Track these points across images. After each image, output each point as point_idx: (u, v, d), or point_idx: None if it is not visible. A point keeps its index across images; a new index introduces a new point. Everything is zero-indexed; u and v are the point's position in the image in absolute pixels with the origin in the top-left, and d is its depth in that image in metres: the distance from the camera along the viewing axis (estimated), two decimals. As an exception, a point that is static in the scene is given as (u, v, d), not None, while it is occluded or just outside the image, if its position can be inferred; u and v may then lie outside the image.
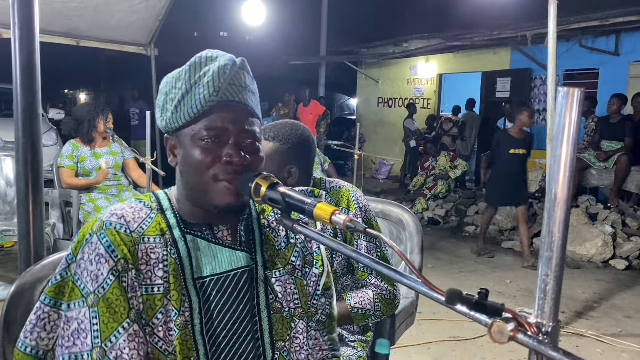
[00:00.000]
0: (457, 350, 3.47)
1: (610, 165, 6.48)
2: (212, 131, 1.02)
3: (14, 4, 1.89)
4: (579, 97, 0.66)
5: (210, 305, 1.06)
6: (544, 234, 0.69)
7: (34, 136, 1.93)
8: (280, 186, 1.00)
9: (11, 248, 4.89)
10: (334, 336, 1.23)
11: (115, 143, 4.28)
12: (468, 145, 10.08)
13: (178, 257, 1.04)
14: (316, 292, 1.17)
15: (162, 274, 1.02)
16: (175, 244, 1.04)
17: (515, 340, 0.67)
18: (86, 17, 5.40)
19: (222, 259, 1.08)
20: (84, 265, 0.98)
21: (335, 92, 19.16)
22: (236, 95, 1.04)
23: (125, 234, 1.01)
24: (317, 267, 1.18)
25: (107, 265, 0.97)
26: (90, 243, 0.99)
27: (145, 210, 1.06)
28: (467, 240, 6.69)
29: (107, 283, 0.97)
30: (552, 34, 3.47)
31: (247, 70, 1.08)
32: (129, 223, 1.02)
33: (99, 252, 0.98)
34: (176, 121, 1.04)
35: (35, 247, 1.91)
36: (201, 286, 1.05)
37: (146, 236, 1.03)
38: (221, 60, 1.04)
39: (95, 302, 0.96)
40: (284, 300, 1.11)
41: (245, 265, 1.10)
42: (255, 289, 1.10)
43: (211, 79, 1.01)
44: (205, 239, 1.08)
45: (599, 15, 7.50)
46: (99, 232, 1.00)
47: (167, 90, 1.07)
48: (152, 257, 1.02)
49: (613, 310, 4.30)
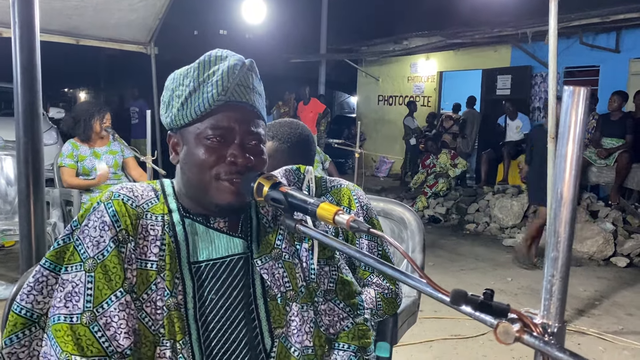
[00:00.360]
0: (458, 348, 3.47)
1: (611, 163, 6.47)
2: (218, 130, 1.02)
3: (14, 4, 1.89)
4: (585, 96, 0.66)
5: (204, 291, 1.06)
6: (550, 234, 0.69)
7: (35, 136, 1.93)
8: (283, 186, 1.00)
9: (12, 247, 4.89)
10: (354, 301, 1.20)
11: (115, 142, 4.28)
12: (469, 143, 10.08)
13: (175, 240, 1.05)
14: (311, 266, 1.15)
15: (157, 252, 1.03)
16: (173, 227, 1.06)
17: (521, 341, 0.67)
18: (86, 16, 5.40)
19: (219, 245, 1.08)
20: (88, 232, 1.00)
21: (336, 90, 19.15)
22: (244, 96, 1.04)
23: (131, 207, 1.03)
24: (306, 241, 1.16)
25: (109, 233, 1.00)
26: (97, 211, 1.02)
27: (152, 192, 1.09)
28: (468, 239, 6.68)
29: (107, 250, 0.99)
30: (553, 31, 3.46)
31: (255, 71, 1.08)
32: (137, 198, 1.05)
33: (104, 220, 1.00)
34: (182, 119, 1.05)
35: (36, 247, 1.91)
36: (197, 271, 1.06)
37: (149, 213, 1.05)
38: (231, 60, 1.04)
39: (92, 268, 0.98)
40: (274, 286, 1.10)
41: (242, 252, 1.10)
42: (252, 277, 1.10)
43: (220, 78, 1.02)
44: (203, 224, 1.09)
45: (600, 13, 7.48)
46: (107, 201, 1.02)
47: (174, 87, 1.07)
48: (150, 233, 1.04)
49: (614, 308, 4.30)
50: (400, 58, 12.02)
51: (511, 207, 6.83)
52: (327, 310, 1.16)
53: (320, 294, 1.15)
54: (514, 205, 6.82)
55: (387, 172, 12.02)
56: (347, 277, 1.21)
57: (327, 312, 1.16)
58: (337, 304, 1.17)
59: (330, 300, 1.17)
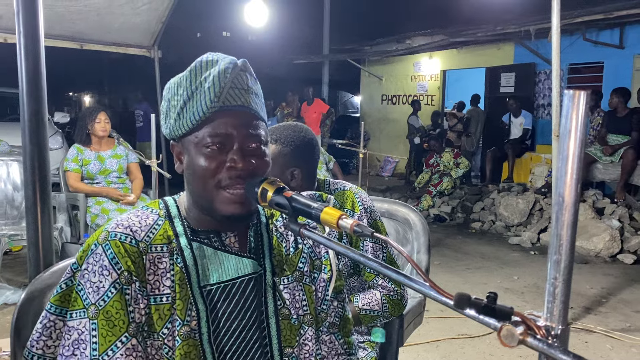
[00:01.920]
0: (465, 348, 3.47)
1: (617, 160, 6.45)
2: (216, 138, 1.01)
3: (19, 13, 1.90)
4: (585, 99, 0.66)
5: (217, 313, 1.05)
6: (552, 237, 0.69)
7: (41, 143, 1.95)
8: (287, 191, 0.99)
9: (20, 252, 4.92)
10: (351, 339, 1.21)
11: (120, 146, 4.30)
12: (473, 141, 10.06)
13: (184, 266, 1.03)
14: (325, 297, 1.16)
15: (169, 284, 1.02)
16: (181, 252, 1.04)
17: (524, 343, 0.67)
18: (90, 20, 5.43)
19: (228, 267, 1.07)
20: (88, 276, 0.98)
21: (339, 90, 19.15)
22: (239, 99, 1.02)
23: (131, 244, 1.00)
24: (325, 272, 1.16)
25: (110, 278, 0.97)
26: (95, 254, 0.99)
27: (153, 217, 1.05)
28: (473, 237, 6.68)
29: (107, 296, 0.96)
30: (556, 28, 3.45)
31: (249, 71, 1.05)
32: (135, 233, 1.01)
33: (103, 264, 0.98)
34: (180, 128, 1.04)
35: (44, 254, 1.92)
36: (208, 294, 1.05)
37: (153, 245, 1.02)
38: (222, 64, 1.02)
39: (95, 315, 0.96)
40: (292, 307, 1.10)
41: (252, 272, 1.09)
42: (264, 296, 1.09)
43: (212, 84, 1.00)
44: (211, 246, 1.07)
45: (603, 9, 7.45)
46: (104, 243, 0.99)
47: (170, 97, 1.06)
48: (159, 267, 1.02)
49: (622, 305, 4.28)
50: (403, 57, 12.01)
51: (517, 205, 6.82)
52: (328, 342, 1.17)
53: (325, 325, 1.16)
54: (519, 203, 6.81)
55: (391, 172, 12.01)
56: (349, 315, 1.22)
57: (327, 344, 1.17)
58: (338, 339, 1.19)
59: (333, 334, 1.18)
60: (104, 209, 4.08)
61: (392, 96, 12.74)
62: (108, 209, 4.07)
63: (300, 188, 1.71)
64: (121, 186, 4.27)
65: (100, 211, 4.08)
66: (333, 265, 1.18)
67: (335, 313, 1.18)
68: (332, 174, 5.30)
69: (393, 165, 12.07)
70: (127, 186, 4.31)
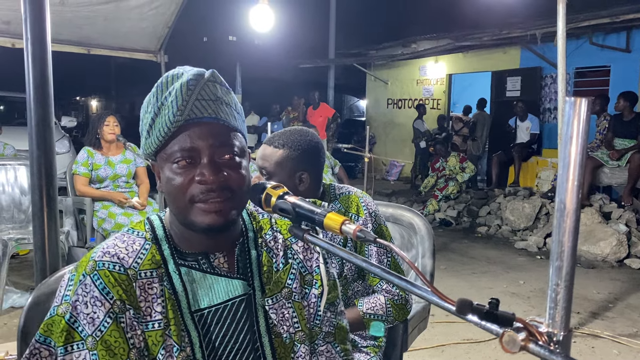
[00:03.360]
0: (471, 352, 3.46)
1: (624, 164, 6.42)
2: (185, 152, 0.97)
3: (26, 18, 1.92)
4: (586, 106, 0.66)
5: (211, 338, 1.04)
6: (554, 243, 0.69)
7: (47, 148, 1.97)
8: (290, 196, 0.99)
9: (27, 256, 4.95)
10: (347, 347, 1.21)
11: (128, 151, 4.33)
12: (479, 145, 10.05)
13: (173, 292, 1.01)
14: (317, 313, 1.14)
15: (160, 309, 1.00)
16: (169, 278, 1.02)
17: (526, 349, 0.67)
18: (97, 25, 5.46)
19: (218, 290, 1.05)
20: (80, 308, 0.96)
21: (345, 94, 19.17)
22: (205, 110, 0.97)
23: (120, 272, 0.98)
24: (316, 287, 1.14)
25: (103, 308, 0.95)
26: (84, 285, 0.96)
27: (139, 242, 1.03)
28: (479, 241, 6.66)
29: (104, 326, 0.95)
30: (562, 32, 3.45)
31: (219, 82, 1.01)
32: (123, 260, 0.99)
33: (94, 295, 0.96)
34: (150, 146, 1.01)
35: (50, 258, 1.94)
36: (200, 319, 1.03)
37: (142, 271, 1.00)
38: (185, 76, 0.98)
39: (93, 346, 0.94)
40: (281, 327, 1.09)
41: (243, 293, 1.07)
42: (255, 316, 1.07)
43: (174, 98, 0.96)
44: (200, 270, 1.04)
45: (609, 12, 7.44)
46: (92, 273, 0.97)
47: (142, 116, 1.03)
48: (150, 292, 1.00)
49: (629, 311, 4.26)
50: (409, 61, 12.01)
51: (523, 210, 6.79)
52: (325, 352, 1.16)
53: (321, 336, 1.16)
54: (525, 208, 6.79)
55: (397, 176, 12.01)
56: (343, 323, 1.21)
57: (325, 354, 1.16)
58: (335, 347, 1.18)
59: (329, 343, 1.17)
60: (110, 213, 4.10)
61: (397, 100, 12.74)
62: (115, 213, 4.09)
63: (309, 192, 1.72)
64: (128, 190, 4.30)
65: (107, 215, 4.10)
66: (324, 280, 1.15)
67: (329, 323, 1.17)
68: (338, 178, 5.30)
69: (399, 169, 12.06)
70: (134, 190, 4.34)
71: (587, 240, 5.74)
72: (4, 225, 4.31)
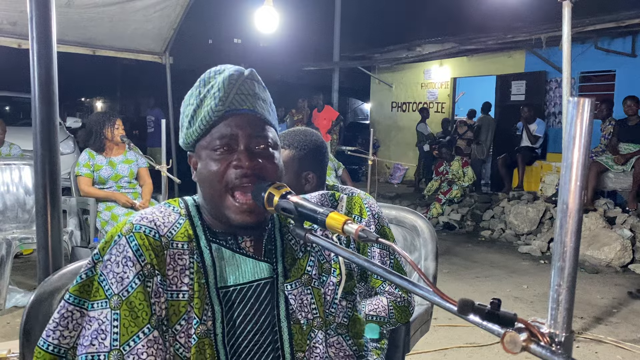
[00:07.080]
0: (473, 356, 3.45)
1: (629, 169, 6.39)
2: (224, 139, 1.03)
3: (32, 19, 1.93)
4: (589, 107, 0.66)
5: (232, 315, 1.06)
6: (556, 244, 0.69)
7: (52, 149, 1.97)
8: (293, 195, 0.99)
9: (30, 255, 4.96)
10: (361, 341, 1.20)
11: (130, 151, 4.34)
12: (484, 149, 10.03)
13: (203, 266, 1.04)
14: (334, 300, 1.16)
15: (188, 281, 1.02)
16: (200, 252, 1.05)
17: (528, 350, 0.67)
18: (102, 27, 5.49)
19: (245, 270, 1.08)
20: (111, 267, 0.98)
21: (349, 97, 19.18)
22: (244, 103, 1.05)
23: (155, 238, 1.01)
24: (335, 275, 1.17)
25: (134, 269, 0.98)
26: (119, 245, 1.00)
27: (175, 215, 1.07)
28: (483, 245, 6.64)
29: (132, 287, 0.97)
30: (567, 37, 3.44)
31: (256, 80, 1.08)
32: (159, 227, 1.03)
33: (127, 255, 0.98)
34: (191, 135, 1.07)
35: (53, 258, 1.94)
36: (224, 295, 1.06)
37: (175, 242, 1.03)
38: (227, 72, 1.05)
39: (118, 305, 0.96)
40: (300, 312, 1.11)
41: (268, 276, 1.10)
42: (276, 300, 1.10)
43: (218, 90, 1.03)
44: (229, 248, 1.08)
45: (615, 17, 7.41)
46: (128, 234, 1.00)
47: (183, 109, 1.09)
48: (179, 263, 1.03)
49: (633, 316, 4.24)
50: (413, 65, 12.01)
51: (526, 214, 6.78)
52: (335, 344, 1.17)
53: (334, 327, 1.17)
54: (529, 212, 6.77)
55: (401, 179, 11.99)
56: (360, 315, 1.22)
57: (335, 345, 1.17)
58: (346, 340, 1.18)
59: (340, 335, 1.18)
60: (113, 215, 4.11)
61: (402, 103, 12.73)
62: (117, 214, 4.10)
63: (315, 191, 1.72)
64: (131, 191, 4.30)
65: (110, 217, 4.11)
66: (342, 269, 1.18)
67: (343, 314, 1.18)
68: (341, 180, 5.30)
69: (402, 172, 12.05)
70: (137, 191, 4.34)
71: (591, 245, 5.72)
72: (8, 225, 4.32)
